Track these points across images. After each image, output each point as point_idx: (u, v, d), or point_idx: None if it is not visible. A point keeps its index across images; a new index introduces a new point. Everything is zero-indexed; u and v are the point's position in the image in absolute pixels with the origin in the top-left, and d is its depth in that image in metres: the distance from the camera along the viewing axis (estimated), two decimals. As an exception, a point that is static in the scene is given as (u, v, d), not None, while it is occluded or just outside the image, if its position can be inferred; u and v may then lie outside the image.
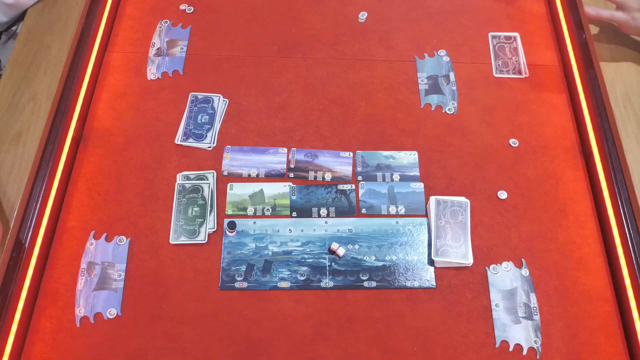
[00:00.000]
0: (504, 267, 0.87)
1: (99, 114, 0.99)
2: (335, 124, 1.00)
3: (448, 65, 1.07)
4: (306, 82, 1.04)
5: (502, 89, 1.04)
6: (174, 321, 0.82)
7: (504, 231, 0.90)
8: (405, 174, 0.95)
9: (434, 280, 0.86)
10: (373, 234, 0.89)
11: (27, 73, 0.95)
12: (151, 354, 0.80)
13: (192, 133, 0.97)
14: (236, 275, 0.85)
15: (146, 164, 0.94)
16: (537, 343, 0.81)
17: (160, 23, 1.10)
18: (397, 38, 1.10)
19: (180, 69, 1.05)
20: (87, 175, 0.93)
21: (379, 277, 0.86)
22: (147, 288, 0.84)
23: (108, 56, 1.06)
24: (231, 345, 0.81)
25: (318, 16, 1.12)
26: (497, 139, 0.99)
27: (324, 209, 0.91)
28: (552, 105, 1.03)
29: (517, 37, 1.11)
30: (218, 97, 1.01)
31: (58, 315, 0.82)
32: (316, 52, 1.08)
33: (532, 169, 0.96)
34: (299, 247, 0.88)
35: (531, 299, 0.84)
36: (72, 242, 0.87)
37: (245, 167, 0.95)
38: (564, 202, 0.93)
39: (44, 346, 0.79)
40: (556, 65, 1.08)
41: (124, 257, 0.86)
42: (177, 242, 0.87)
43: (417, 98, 1.03)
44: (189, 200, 0.90)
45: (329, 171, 0.95)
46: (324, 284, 0.85)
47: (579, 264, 0.88)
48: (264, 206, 0.91)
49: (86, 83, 1.00)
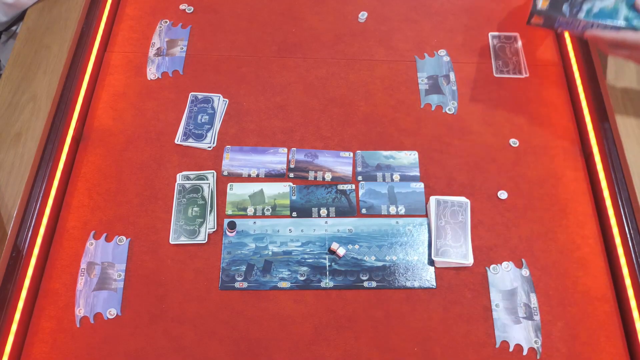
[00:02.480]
0: (504, 267, 0.87)
1: (99, 114, 0.99)
2: (335, 124, 1.00)
3: (448, 65, 1.07)
4: (306, 82, 1.04)
5: (502, 89, 1.04)
6: (174, 321, 0.82)
7: (504, 231, 0.90)
8: (405, 174, 0.95)
9: (434, 280, 0.86)
10: (373, 234, 0.89)
11: (27, 73, 0.95)
12: (151, 354, 0.80)
13: (192, 133, 0.97)
14: (236, 275, 0.85)
15: (146, 164, 0.94)
16: (538, 343, 0.81)
17: (160, 23, 1.10)
18: (397, 38, 1.10)
19: (180, 69, 1.05)
20: (87, 175, 0.93)
21: (379, 277, 0.86)
22: (147, 288, 0.84)
23: (108, 56, 1.06)
24: (231, 345, 0.81)
25: (318, 16, 1.12)
26: (497, 139, 0.99)
27: (324, 209, 0.91)
28: (552, 105, 1.03)
29: (517, 37, 1.11)
30: (218, 97, 1.01)
31: (58, 315, 0.82)
32: (316, 52, 1.08)
33: (532, 169, 0.96)
34: (299, 247, 0.88)
35: (531, 299, 0.84)
36: (72, 242, 0.87)
37: (245, 167, 0.95)
38: (564, 202, 0.93)
39: (44, 346, 0.79)
40: (556, 65, 1.08)
41: (124, 257, 0.86)
42: (177, 242, 0.87)
43: (417, 98, 1.03)
44: (189, 200, 0.90)
45: (329, 171, 0.95)
46: (324, 284, 0.85)
47: (579, 264, 0.88)
48: (264, 206, 0.91)
49: (86, 83, 1.00)
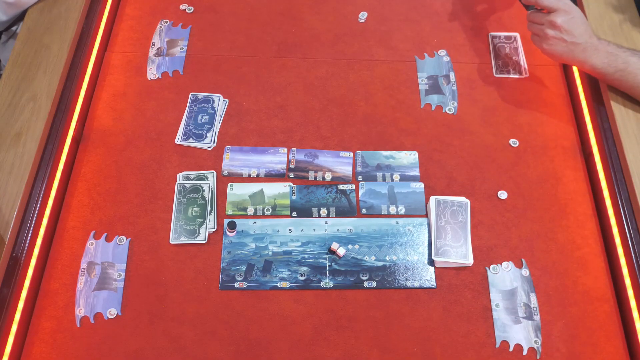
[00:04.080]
0: (504, 267, 0.87)
1: (99, 114, 0.99)
2: (335, 124, 1.00)
3: (448, 65, 1.07)
4: (306, 82, 1.04)
5: (502, 89, 1.04)
6: (174, 321, 0.82)
7: (504, 231, 0.90)
8: (405, 174, 0.95)
9: (434, 280, 0.86)
10: (373, 234, 0.89)
11: (27, 73, 0.95)
12: (151, 354, 0.80)
13: (192, 133, 0.97)
14: (236, 275, 0.85)
15: (146, 164, 0.94)
16: (537, 343, 0.81)
17: (160, 23, 1.10)
18: (397, 38, 1.10)
19: (180, 69, 1.05)
20: (87, 175, 0.93)
21: (379, 277, 0.86)
22: (147, 288, 0.84)
23: (108, 56, 1.06)
24: (231, 345, 0.81)
25: (318, 16, 1.12)
26: (497, 139, 0.99)
27: (324, 209, 0.91)
28: (552, 105, 1.03)
29: (517, 37, 1.11)
30: (218, 97, 1.01)
31: (58, 315, 0.82)
32: (316, 52, 1.08)
33: (532, 169, 0.96)
34: (299, 247, 0.88)
35: (531, 299, 0.84)
36: (72, 242, 0.87)
37: (245, 167, 0.95)
38: (564, 202, 0.93)
39: (44, 346, 0.79)
40: (556, 65, 1.08)
41: (124, 257, 0.86)
42: (177, 242, 0.87)
43: (417, 98, 1.03)
44: (189, 200, 0.90)
45: (329, 171, 0.95)
46: (324, 284, 0.85)
47: (579, 264, 0.88)
48: (264, 206, 0.91)
49: (86, 83, 1.00)
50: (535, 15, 0.93)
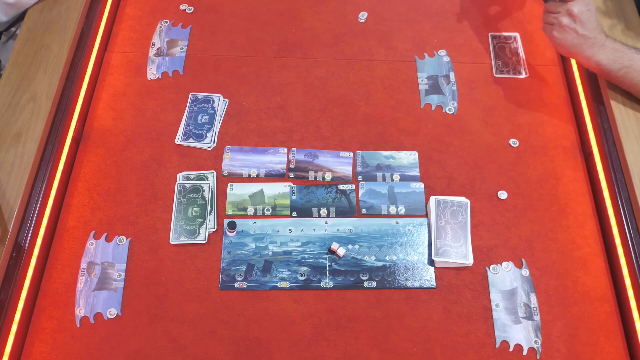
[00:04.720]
0: (504, 267, 0.87)
1: (98, 114, 0.99)
2: (335, 124, 1.00)
3: (448, 65, 1.07)
4: (306, 82, 1.04)
5: (502, 89, 1.04)
6: (174, 321, 0.82)
7: (504, 231, 0.90)
8: (405, 174, 0.95)
9: (434, 280, 0.86)
10: (373, 234, 0.89)
11: (27, 73, 0.95)
12: (151, 354, 0.80)
13: (192, 133, 0.97)
14: (236, 275, 0.85)
15: (146, 164, 0.94)
16: (537, 343, 0.81)
17: (160, 23, 1.10)
18: (397, 38, 1.10)
19: (180, 69, 1.05)
20: (87, 175, 0.93)
21: (379, 277, 0.86)
22: (147, 288, 0.84)
23: (108, 56, 1.06)
24: (231, 345, 0.81)
25: (318, 16, 1.12)
26: (497, 139, 0.99)
27: (324, 209, 0.91)
28: (552, 105, 1.03)
29: (517, 37, 1.11)
30: (218, 97, 1.01)
31: (58, 315, 0.82)
32: (316, 52, 1.08)
33: (532, 169, 0.96)
34: (299, 247, 0.88)
35: (531, 299, 0.84)
36: (72, 242, 0.87)
37: (245, 167, 0.95)
38: (564, 202, 0.93)
39: (44, 346, 0.79)
40: (556, 65, 1.08)
41: (124, 257, 0.86)
42: (177, 242, 0.87)
43: (417, 98, 1.03)
44: (189, 200, 0.90)
45: (329, 171, 0.95)
46: (324, 284, 0.85)
47: (579, 264, 0.88)
48: (264, 206, 0.91)
49: (86, 83, 1.00)
50: (553, 4, 0.94)
